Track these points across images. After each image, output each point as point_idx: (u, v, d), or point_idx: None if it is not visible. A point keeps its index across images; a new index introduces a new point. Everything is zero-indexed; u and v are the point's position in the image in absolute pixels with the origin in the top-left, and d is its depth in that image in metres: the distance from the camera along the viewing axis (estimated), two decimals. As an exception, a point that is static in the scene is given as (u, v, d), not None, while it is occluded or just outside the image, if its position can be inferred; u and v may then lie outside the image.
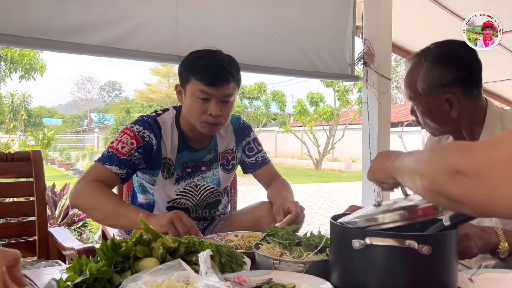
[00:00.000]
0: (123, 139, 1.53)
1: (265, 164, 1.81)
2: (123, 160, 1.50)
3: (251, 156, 1.80)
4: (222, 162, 1.74)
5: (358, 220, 0.93)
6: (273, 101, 18.60)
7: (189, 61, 1.56)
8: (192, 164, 1.67)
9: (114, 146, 1.52)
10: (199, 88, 1.50)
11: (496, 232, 1.13)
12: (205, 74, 1.49)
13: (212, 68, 1.50)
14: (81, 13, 2.19)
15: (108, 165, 1.49)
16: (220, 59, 1.53)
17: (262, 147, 1.84)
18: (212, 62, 1.51)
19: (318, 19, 3.04)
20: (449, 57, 1.29)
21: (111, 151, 1.52)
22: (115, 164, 1.49)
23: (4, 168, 1.75)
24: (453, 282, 0.91)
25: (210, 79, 1.49)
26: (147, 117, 1.62)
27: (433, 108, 1.32)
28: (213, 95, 1.50)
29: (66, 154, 17.56)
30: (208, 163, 1.70)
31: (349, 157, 17.75)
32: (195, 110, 1.53)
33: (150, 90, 29.09)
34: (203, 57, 1.54)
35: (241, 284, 0.93)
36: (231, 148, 1.76)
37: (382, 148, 3.21)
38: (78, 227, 4.85)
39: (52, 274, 1.02)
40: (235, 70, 1.54)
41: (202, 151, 1.68)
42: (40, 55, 10.36)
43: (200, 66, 1.51)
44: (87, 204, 1.47)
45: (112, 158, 1.50)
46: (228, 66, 1.52)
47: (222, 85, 1.50)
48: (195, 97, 1.51)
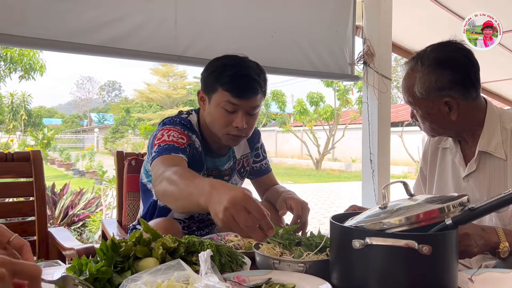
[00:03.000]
0: (172, 134, 1.43)
1: (268, 172, 1.79)
2: (183, 149, 1.39)
3: (257, 163, 1.77)
4: (238, 169, 1.71)
5: (365, 225, 0.94)
6: (273, 101, 18.60)
7: (216, 68, 1.47)
8: (215, 172, 1.62)
9: (167, 140, 1.40)
10: (227, 99, 1.43)
11: (497, 232, 1.13)
12: (234, 85, 1.42)
13: (242, 79, 1.42)
14: (81, 13, 2.19)
15: (174, 153, 1.36)
16: (249, 68, 1.45)
17: (266, 154, 1.82)
18: (241, 72, 1.43)
19: (318, 18, 3.04)
20: (445, 61, 1.29)
21: (167, 144, 1.38)
22: (180, 152, 1.37)
23: (4, 168, 1.75)
24: (453, 282, 0.91)
25: (239, 91, 1.42)
26: (180, 119, 1.53)
27: (432, 112, 1.32)
28: (240, 106, 1.44)
29: (66, 154, 17.55)
30: (229, 172, 1.67)
31: (349, 157, 17.76)
32: (220, 121, 1.46)
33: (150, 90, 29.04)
34: (231, 65, 1.45)
35: (241, 284, 0.93)
36: (246, 155, 1.73)
37: (382, 148, 3.21)
38: (78, 227, 4.85)
39: (52, 274, 1.02)
40: (263, 80, 1.47)
41: (223, 158, 1.64)
42: (40, 55, 10.36)
43: (228, 76, 1.42)
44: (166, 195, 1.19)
45: (173, 148, 1.37)
46: (257, 76, 1.45)
47: (251, 97, 1.44)
48: (221, 108, 1.45)
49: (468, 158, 1.38)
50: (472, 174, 1.36)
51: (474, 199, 1.30)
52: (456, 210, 0.93)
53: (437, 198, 1.00)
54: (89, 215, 4.94)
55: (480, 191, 1.34)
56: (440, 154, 1.50)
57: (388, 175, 3.28)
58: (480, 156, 1.33)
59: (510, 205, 0.94)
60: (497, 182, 1.31)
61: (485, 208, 0.92)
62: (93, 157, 14.57)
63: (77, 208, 5.01)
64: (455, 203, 0.94)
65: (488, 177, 1.33)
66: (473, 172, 1.35)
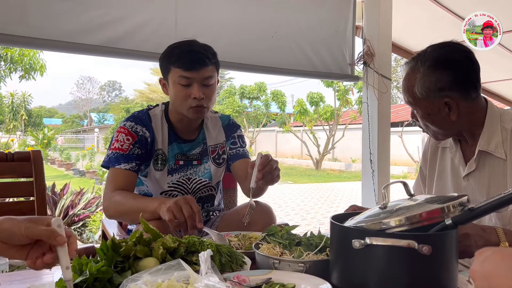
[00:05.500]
0: (120, 138, 1.64)
1: (244, 157, 1.81)
2: (128, 156, 1.61)
3: (233, 149, 1.82)
4: (213, 156, 1.78)
5: (365, 225, 0.94)
6: (273, 101, 18.61)
7: (166, 53, 1.64)
8: (183, 157, 1.72)
9: (116, 147, 1.63)
10: (179, 75, 1.57)
11: (497, 232, 1.12)
12: (182, 60, 1.57)
13: (188, 54, 1.58)
14: (81, 13, 2.20)
15: (117, 165, 1.59)
16: (195, 45, 1.61)
17: (245, 145, 1.87)
18: (187, 49, 1.59)
19: (318, 19, 3.04)
20: (445, 61, 1.29)
21: (115, 152, 1.62)
22: (123, 162, 1.59)
23: (4, 168, 1.75)
24: (453, 282, 0.91)
25: (188, 64, 1.56)
26: (138, 112, 1.72)
27: (432, 112, 1.32)
28: (194, 79, 1.57)
29: (66, 154, 17.56)
30: (199, 157, 1.75)
31: (349, 157, 17.76)
32: (179, 96, 1.60)
33: (150, 90, 29.08)
34: (179, 46, 1.62)
35: (241, 284, 0.93)
36: (221, 142, 1.81)
37: (382, 148, 3.22)
38: (78, 227, 4.85)
39: (52, 274, 1.02)
40: (210, 54, 1.61)
41: (191, 143, 1.74)
42: (40, 55, 10.37)
43: (176, 54, 1.59)
44: (117, 213, 1.56)
45: (118, 158, 1.60)
46: (204, 50, 1.60)
47: (200, 68, 1.57)
48: (177, 84, 1.59)
49: (468, 158, 1.38)
50: (472, 173, 1.36)
51: (474, 198, 1.30)
52: (456, 210, 0.93)
53: (437, 198, 1.00)
54: (89, 215, 4.95)
55: (480, 191, 1.34)
56: (440, 153, 1.50)
57: (388, 175, 3.28)
58: (480, 155, 1.33)
59: (510, 205, 0.93)
60: (496, 182, 1.31)
61: (485, 208, 0.92)
62: (93, 157, 14.56)
63: (77, 208, 5.02)
64: (455, 203, 0.94)
65: (488, 177, 1.33)
66: (473, 171, 1.35)
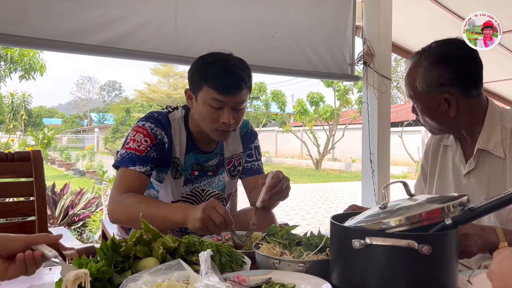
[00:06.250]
0: (137, 138, 1.53)
1: (259, 173, 1.76)
2: (144, 158, 1.51)
3: (248, 162, 1.76)
4: (228, 168, 1.71)
5: (365, 225, 0.94)
6: (273, 101, 18.59)
7: (200, 67, 1.52)
8: (199, 167, 1.64)
9: (131, 147, 1.52)
10: (212, 97, 1.46)
11: (496, 232, 1.13)
12: (217, 82, 1.45)
13: (225, 76, 1.45)
14: (81, 13, 2.19)
15: (131, 166, 1.49)
16: (232, 65, 1.48)
17: (261, 156, 1.81)
18: (224, 69, 1.47)
19: (318, 19, 3.04)
20: (448, 57, 1.30)
21: (129, 152, 1.51)
22: (138, 163, 1.49)
23: (4, 168, 1.75)
24: (453, 282, 0.91)
25: (223, 87, 1.45)
26: (158, 114, 1.60)
27: (431, 107, 1.33)
28: (226, 103, 1.47)
29: (66, 154, 17.55)
30: (214, 169, 1.67)
31: (349, 157, 17.76)
32: (208, 118, 1.50)
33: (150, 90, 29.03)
34: (215, 63, 1.49)
35: (241, 284, 0.93)
36: (238, 154, 1.74)
37: (382, 148, 3.22)
38: (78, 227, 4.85)
39: (52, 274, 1.02)
40: (247, 76, 1.49)
41: (208, 154, 1.66)
42: (40, 55, 10.35)
43: (211, 73, 1.46)
44: (125, 217, 1.46)
45: (133, 159, 1.50)
46: (241, 71, 1.48)
47: (235, 94, 1.46)
48: (207, 105, 1.48)
49: (468, 156, 1.38)
50: (472, 171, 1.36)
51: (474, 197, 1.30)
52: (456, 210, 0.93)
53: (437, 198, 1.00)
54: (89, 215, 4.94)
55: (480, 189, 1.34)
56: (442, 151, 1.50)
57: (388, 175, 3.28)
58: (479, 154, 1.33)
59: (510, 205, 0.94)
60: (496, 180, 1.31)
61: (485, 208, 0.92)
62: (93, 157, 14.55)
63: (77, 208, 5.02)
64: (455, 203, 0.94)
65: (488, 175, 1.33)
66: (473, 169, 1.35)
